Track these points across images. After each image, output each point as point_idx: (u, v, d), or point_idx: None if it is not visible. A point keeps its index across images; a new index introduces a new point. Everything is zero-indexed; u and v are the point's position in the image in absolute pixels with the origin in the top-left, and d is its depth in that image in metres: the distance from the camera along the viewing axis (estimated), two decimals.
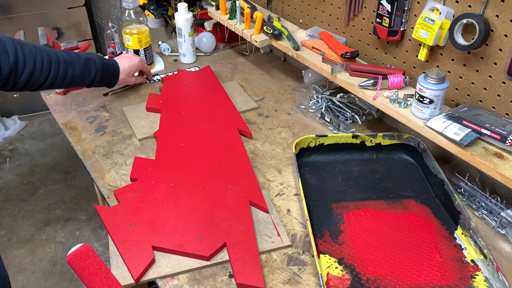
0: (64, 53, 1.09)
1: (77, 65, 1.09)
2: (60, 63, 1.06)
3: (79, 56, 1.11)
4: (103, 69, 1.16)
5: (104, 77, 1.17)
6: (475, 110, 0.93)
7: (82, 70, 1.10)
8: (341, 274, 0.81)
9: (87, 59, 1.12)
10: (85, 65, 1.11)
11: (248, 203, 0.94)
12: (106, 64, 1.18)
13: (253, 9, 1.34)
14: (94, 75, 1.14)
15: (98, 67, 1.14)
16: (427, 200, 0.97)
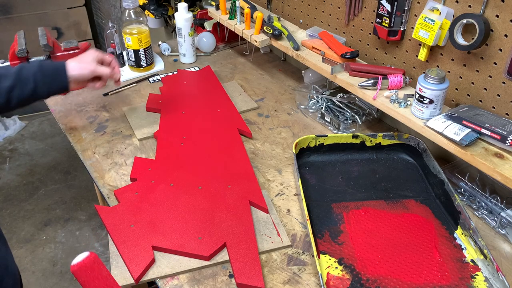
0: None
1: (7, 78, 0.95)
2: None
3: (8, 69, 0.99)
4: (42, 69, 1.00)
5: (47, 78, 1.00)
6: (475, 110, 0.93)
7: (15, 80, 0.96)
8: (341, 274, 0.81)
9: (19, 67, 0.99)
10: (18, 73, 0.96)
11: (248, 203, 0.94)
12: (44, 64, 1.03)
13: (253, 9, 1.34)
14: (33, 80, 0.98)
15: (34, 69, 0.99)
16: (427, 200, 0.97)
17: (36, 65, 1.00)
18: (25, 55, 1.25)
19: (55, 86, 1.02)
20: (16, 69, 0.97)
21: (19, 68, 0.98)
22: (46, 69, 1.00)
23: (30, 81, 0.97)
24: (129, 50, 1.41)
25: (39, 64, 1.01)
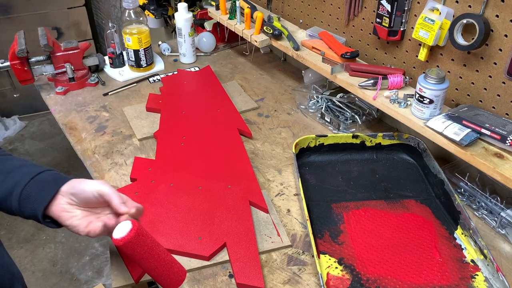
0: None
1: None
2: None
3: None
4: (34, 178, 0.73)
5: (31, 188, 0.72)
6: (475, 110, 0.93)
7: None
8: (341, 274, 0.81)
9: (22, 163, 0.75)
10: (10, 171, 0.73)
11: (248, 203, 0.94)
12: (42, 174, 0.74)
13: (253, 9, 1.34)
14: (11, 184, 0.72)
15: (28, 172, 0.73)
16: (427, 200, 0.97)
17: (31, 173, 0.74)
18: (25, 55, 1.25)
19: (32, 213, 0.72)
20: (19, 164, 0.76)
21: (22, 164, 0.76)
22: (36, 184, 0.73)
23: (12, 181, 0.73)
24: (129, 50, 1.41)
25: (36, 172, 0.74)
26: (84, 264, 2.01)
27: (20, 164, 0.76)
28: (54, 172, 0.76)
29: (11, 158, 0.78)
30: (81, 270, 1.99)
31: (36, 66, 1.33)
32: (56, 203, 0.72)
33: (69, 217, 0.73)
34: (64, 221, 0.73)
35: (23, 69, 1.29)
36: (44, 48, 1.30)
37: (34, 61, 1.32)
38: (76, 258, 2.04)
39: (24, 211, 0.72)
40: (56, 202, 0.72)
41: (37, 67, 1.33)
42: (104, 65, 1.46)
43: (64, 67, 1.35)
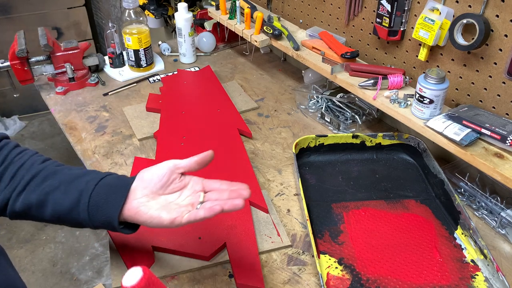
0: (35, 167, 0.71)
1: (54, 177, 0.71)
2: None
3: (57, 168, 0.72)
4: (98, 183, 0.70)
5: (98, 195, 0.69)
6: (475, 110, 0.93)
7: (60, 182, 0.70)
8: (341, 274, 0.81)
9: (83, 173, 0.72)
10: (70, 180, 0.70)
11: (248, 203, 0.94)
12: (105, 179, 0.72)
13: (253, 9, 1.34)
14: (76, 194, 0.69)
15: (91, 180, 0.71)
16: (427, 200, 0.97)
17: (94, 180, 0.70)
18: (25, 55, 1.25)
19: (107, 223, 0.69)
20: (78, 173, 0.72)
21: (83, 173, 0.72)
22: (101, 190, 0.70)
23: (77, 190, 0.69)
24: (129, 50, 1.41)
25: (98, 179, 0.71)
26: (84, 264, 2.01)
27: (80, 173, 0.72)
28: (117, 175, 0.74)
29: (69, 168, 0.74)
30: (81, 270, 1.99)
31: (36, 66, 1.33)
32: (129, 202, 0.69)
33: (147, 210, 0.68)
34: (142, 215, 0.68)
35: (23, 69, 1.29)
36: (44, 48, 1.30)
37: (34, 61, 1.32)
38: (76, 258, 2.04)
39: (95, 220, 0.69)
40: (129, 201, 0.69)
41: (37, 67, 1.33)
42: (104, 65, 1.46)
43: (64, 67, 1.35)
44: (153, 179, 0.70)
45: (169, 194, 0.71)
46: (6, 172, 0.70)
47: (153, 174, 0.71)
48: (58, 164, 0.75)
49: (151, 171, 0.71)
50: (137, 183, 0.70)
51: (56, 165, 0.74)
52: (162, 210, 0.68)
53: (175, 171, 0.72)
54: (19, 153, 0.73)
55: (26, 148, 0.75)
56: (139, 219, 0.68)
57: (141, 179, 0.71)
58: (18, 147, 0.75)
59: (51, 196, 0.69)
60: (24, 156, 0.73)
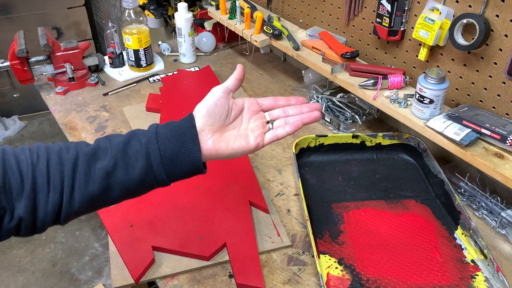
0: (81, 145, 0.62)
1: (106, 154, 0.61)
2: (66, 164, 0.59)
3: (108, 140, 0.63)
4: (158, 139, 0.62)
5: (168, 149, 0.62)
6: (475, 110, 0.93)
7: (115, 158, 0.61)
8: (341, 274, 0.81)
9: (127, 137, 0.63)
10: (123, 151, 0.61)
11: (248, 203, 0.94)
12: (161, 129, 0.64)
13: (253, 9, 1.34)
14: (144, 160, 0.61)
15: (147, 140, 0.62)
16: (427, 200, 0.97)
17: (150, 133, 0.63)
18: (24, 55, 1.25)
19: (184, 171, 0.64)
20: (121, 140, 0.62)
21: (127, 138, 0.63)
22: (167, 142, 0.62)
23: (137, 165, 0.61)
24: (129, 50, 1.41)
25: (154, 131, 0.63)
26: (84, 264, 2.01)
27: (122, 139, 0.63)
28: (164, 125, 0.65)
29: (98, 141, 0.64)
30: (81, 270, 1.99)
31: (36, 66, 1.33)
32: (203, 144, 0.63)
33: (227, 145, 0.65)
34: (224, 151, 0.64)
35: (23, 69, 1.29)
36: (44, 48, 1.30)
37: (34, 61, 1.32)
38: (76, 258, 2.04)
39: (176, 175, 0.63)
40: (203, 143, 0.63)
41: (37, 67, 1.33)
42: (104, 65, 1.46)
43: (64, 67, 1.34)
44: (215, 111, 0.65)
45: (234, 121, 0.67)
46: (36, 175, 0.58)
47: (212, 107, 0.65)
48: (79, 143, 0.63)
49: (208, 104, 0.65)
50: (201, 122, 0.64)
51: (84, 145, 0.63)
52: (240, 140, 0.66)
53: (229, 96, 0.67)
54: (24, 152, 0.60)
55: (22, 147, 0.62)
56: (222, 155, 0.65)
57: (202, 116, 0.64)
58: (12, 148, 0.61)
59: (113, 178, 0.60)
60: (35, 153, 0.60)
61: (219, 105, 0.65)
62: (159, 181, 0.63)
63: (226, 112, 0.66)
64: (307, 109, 0.70)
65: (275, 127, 0.69)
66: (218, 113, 0.65)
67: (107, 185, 0.60)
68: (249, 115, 0.69)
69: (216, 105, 0.65)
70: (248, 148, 0.66)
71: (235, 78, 0.69)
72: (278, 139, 0.67)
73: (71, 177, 0.59)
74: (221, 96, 0.66)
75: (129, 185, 0.61)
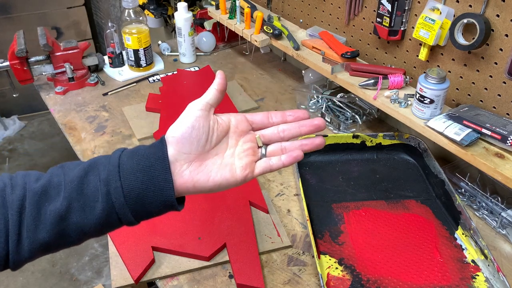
0: (27, 177, 0.53)
1: (58, 194, 0.51)
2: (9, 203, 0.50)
3: (59, 172, 0.53)
4: (120, 173, 0.52)
5: (134, 187, 0.52)
6: (476, 110, 0.93)
7: (69, 199, 0.51)
8: (342, 275, 0.81)
9: (83, 172, 0.53)
10: (78, 189, 0.52)
11: (248, 203, 0.94)
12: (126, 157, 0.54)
13: (253, 9, 1.34)
14: (104, 201, 0.51)
15: (107, 175, 0.52)
16: (427, 200, 0.97)
17: (110, 166, 0.53)
18: (24, 55, 1.25)
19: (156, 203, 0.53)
20: (76, 175, 0.52)
21: (83, 172, 0.53)
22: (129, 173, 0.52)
23: (98, 197, 0.52)
24: (129, 50, 1.40)
25: (116, 161, 0.53)
26: (83, 265, 2.01)
27: (78, 172, 0.52)
28: (128, 151, 0.54)
29: (51, 174, 0.53)
30: (80, 270, 1.99)
31: (35, 66, 1.32)
32: (177, 177, 0.52)
33: (207, 177, 0.53)
34: (203, 185, 0.53)
35: (22, 69, 1.29)
36: (44, 48, 1.30)
37: (34, 61, 1.32)
38: (76, 258, 2.04)
39: (143, 216, 0.53)
40: (177, 176, 0.52)
41: (36, 67, 1.33)
42: (103, 65, 1.46)
43: (64, 67, 1.34)
44: (192, 135, 0.53)
45: (217, 146, 0.55)
46: None
47: (188, 130, 0.54)
48: (27, 177, 0.53)
49: (183, 127, 0.54)
50: (175, 150, 0.53)
51: (33, 180, 0.52)
52: (224, 170, 0.54)
53: (209, 113, 0.56)
54: None
55: None
56: (201, 189, 0.54)
57: (176, 142, 0.53)
58: None
59: (67, 222, 0.51)
60: None
61: (197, 127, 0.54)
62: (124, 222, 0.53)
63: (206, 135, 0.54)
64: (306, 128, 0.58)
65: (269, 154, 0.57)
66: (196, 137, 0.53)
67: (60, 230, 0.51)
68: (236, 137, 0.57)
69: (194, 127, 0.54)
70: (234, 181, 0.54)
71: (216, 89, 0.57)
72: (272, 171, 0.56)
73: (17, 222, 0.49)
74: (199, 116, 0.55)
75: (87, 229, 0.52)
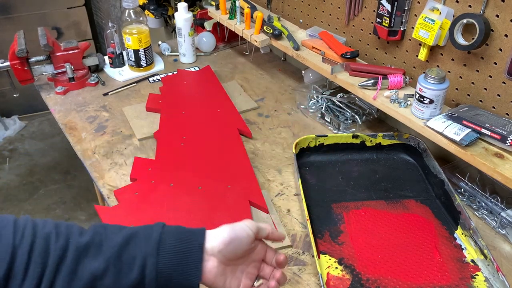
0: (74, 230, 0.57)
1: (98, 255, 0.55)
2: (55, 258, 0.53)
3: (99, 232, 0.58)
4: (159, 251, 0.57)
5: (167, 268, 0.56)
6: (475, 110, 0.93)
7: (107, 262, 0.55)
8: (341, 274, 0.81)
9: (125, 240, 0.57)
10: (118, 251, 0.56)
11: (248, 203, 0.94)
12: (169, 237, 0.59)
13: (253, 9, 1.34)
14: (138, 272, 0.55)
15: (147, 250, 0.56)
16: (427, 200, 0.97)
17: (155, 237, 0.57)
18: (24, 55, 1.25)
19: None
20: (118, 242, 0.56)
21: (125, 240, 0.56)
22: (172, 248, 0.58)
23: (134, 267, 0.55)
24: (129, 50, 1.41)
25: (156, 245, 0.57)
26: None
27: (122, 239, 0.56)
28: (173, 229, 0.59)
29: (96, 232, 0.57)
30: None
31: (36, 66, 1.33)
32: (207, 268, 0.58)
33: (224, 280, 0.59)
34: (217, 285, 0.59)
35: (23, 69, 1.29)
36: (44, 48, 1.30)
37: (34, 61, 1.32)
38: None
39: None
40: (207, 266, 0.58)
41: (37, 67, 1.33)
42: (104, 65, 1.46)
43: (64, 67, 1.34)
44: (236, 249, 0.60)
45: (240, 259, 0.63)
46: (15, 259, 0.50)
47: (238, 244, 0.60)
48: (71, 229, 0.57)
49: (238, 240, 0.60)
50: (215, 245, 0.59)
51: (77, 233, 0.56)
52: (235, 282, 0.61)
53: (254, 240, 0.62)
54: (7, 226, 0.53)
55: (7, 218, 0.54)
56: (213, 286, 0.60)
57: (222, 243, 0.59)
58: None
59: (100, 283, 0.54)
60: (20, 231, 0.53)
61: (243, 248, 0.60)
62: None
63: (243, 255, 0.62)
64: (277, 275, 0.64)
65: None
66: (237, 254, 0.60)
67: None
68: (251, 261, 0.65)
69: (243, 245, 0.60)
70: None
71: (268, 232, 0.64)
72: None
73: (53, 271, 0.52)
74: (250, 244, 0.61)
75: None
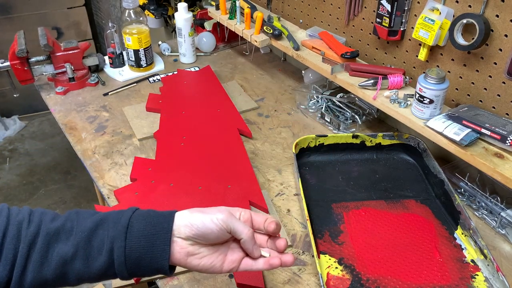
0: (45, 216, 0.59)
1: (68, 239, 0.57)
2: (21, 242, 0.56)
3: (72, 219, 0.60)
4: (127, 235, 0.58)
5: (135, 251, 0.58)
6: (475, 110, 0.93)
7: (76, 246, 0.57)
8: (341, 274, 0.81)
9: (94, 225, 0.59)
10: (87, 240, 0.58)
11: (248, 203, 0.94)
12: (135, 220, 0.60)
13: (253, 9, 1.34)
14: (107, 256, 0.57)
15: (115, 233, 0.58)
16: (427, 200, 0.97)
17: (123, 222, 0.59)
18: (24, 55, 1.25)
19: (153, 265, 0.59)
20: (88, 227, 0.58)
21: (95, 225, 0.59)
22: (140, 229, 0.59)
23: (103, 251, 0.57)
24: (129, 50, 1.41)
25: (126, 223, 0.59)
26: None
27: (92, 224, 0.58)
28: (142, 213, 0.61)
29: (67, 217, 0.60)
30: None
31: (36, 66, 1.33)
32: (175, 249, 0.59)
33: (199, 259, 0.60)
34: (194, 266, 0.60)
35: (23, 69, 1.29)
36: (44, 48, 1.30)
37: (34, 61, 1.32)
38: None
39: (138, 274, 0.59)
40: (176, 247, 0.59)
41: (37, 67, 1.33)
42: (104, 65, 1.46)
43: (64, 67, 1.35)
44: (207, 238, 0.60)
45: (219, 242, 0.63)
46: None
47: (208, 234, 0.59)
48: (44, 215, 0.59)
49: (207, 231, 0.59)
50: (183, 233, 0.59)
51: (49, 219, 0.58)
52: (216, 259, 0.61)
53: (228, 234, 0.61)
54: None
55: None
56: (190, 268, 0.61)
57: (190, 231, 0.59)
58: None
59: (70, 267, 0.56)
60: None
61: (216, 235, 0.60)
62: (119, 276, 0.59)
63: (218, 240, 0.61)
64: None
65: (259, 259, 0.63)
66: (210, 238, 0.60)
67: (62, 272, 0.56)
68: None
69: (213, 233, 0.59)
70: (218, 271, 0.61)
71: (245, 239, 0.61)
72: (252, 270, 0.63)
73: (25, 256, 0.55)
74: (221, 231, 0.60)
75: (85, 276, 0.58)
